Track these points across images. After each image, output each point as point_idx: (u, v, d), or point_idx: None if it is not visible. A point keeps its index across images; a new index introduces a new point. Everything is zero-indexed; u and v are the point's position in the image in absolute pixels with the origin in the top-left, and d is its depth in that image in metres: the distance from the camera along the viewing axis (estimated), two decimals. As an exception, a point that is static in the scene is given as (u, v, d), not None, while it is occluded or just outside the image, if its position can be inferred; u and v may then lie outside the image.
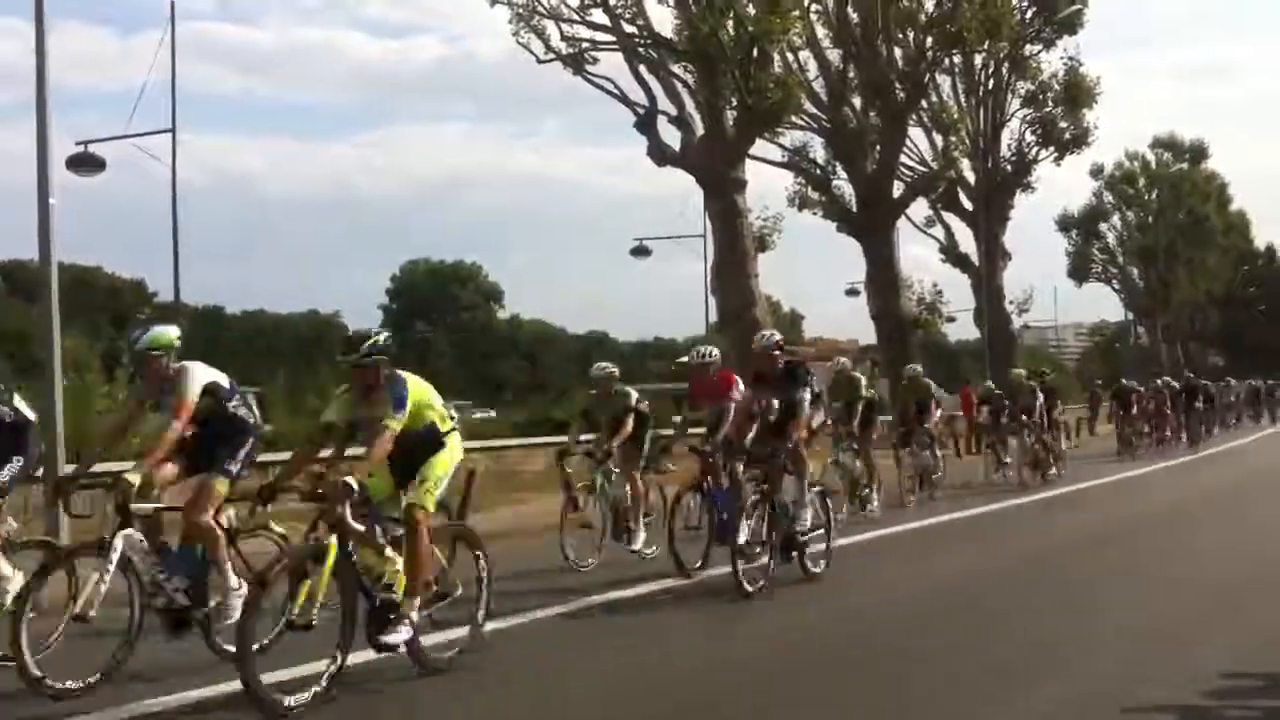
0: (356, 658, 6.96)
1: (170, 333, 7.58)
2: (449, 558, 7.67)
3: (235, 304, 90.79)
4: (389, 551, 7.17)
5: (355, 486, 6.70)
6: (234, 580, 7.36)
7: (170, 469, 7.45)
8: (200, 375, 7.50)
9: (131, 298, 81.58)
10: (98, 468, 8.01)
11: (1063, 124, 45.43)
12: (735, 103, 27.70)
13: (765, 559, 9.80)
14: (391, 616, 7.01)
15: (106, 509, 7.21)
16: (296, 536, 8.16)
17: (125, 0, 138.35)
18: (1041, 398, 20.84)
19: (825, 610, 9.53)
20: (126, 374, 17.82)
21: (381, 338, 7.26)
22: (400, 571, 7.15)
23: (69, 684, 6.58)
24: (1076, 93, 44.79)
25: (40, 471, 9.19)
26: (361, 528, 6.91)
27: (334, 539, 6.69)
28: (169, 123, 23.88)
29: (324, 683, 6.54)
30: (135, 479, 7.02)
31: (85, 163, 22.93)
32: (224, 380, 7.73)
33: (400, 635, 7.01)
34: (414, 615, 7.08)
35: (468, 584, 7.70)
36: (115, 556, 6.84)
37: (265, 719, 6.20)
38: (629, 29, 28.87)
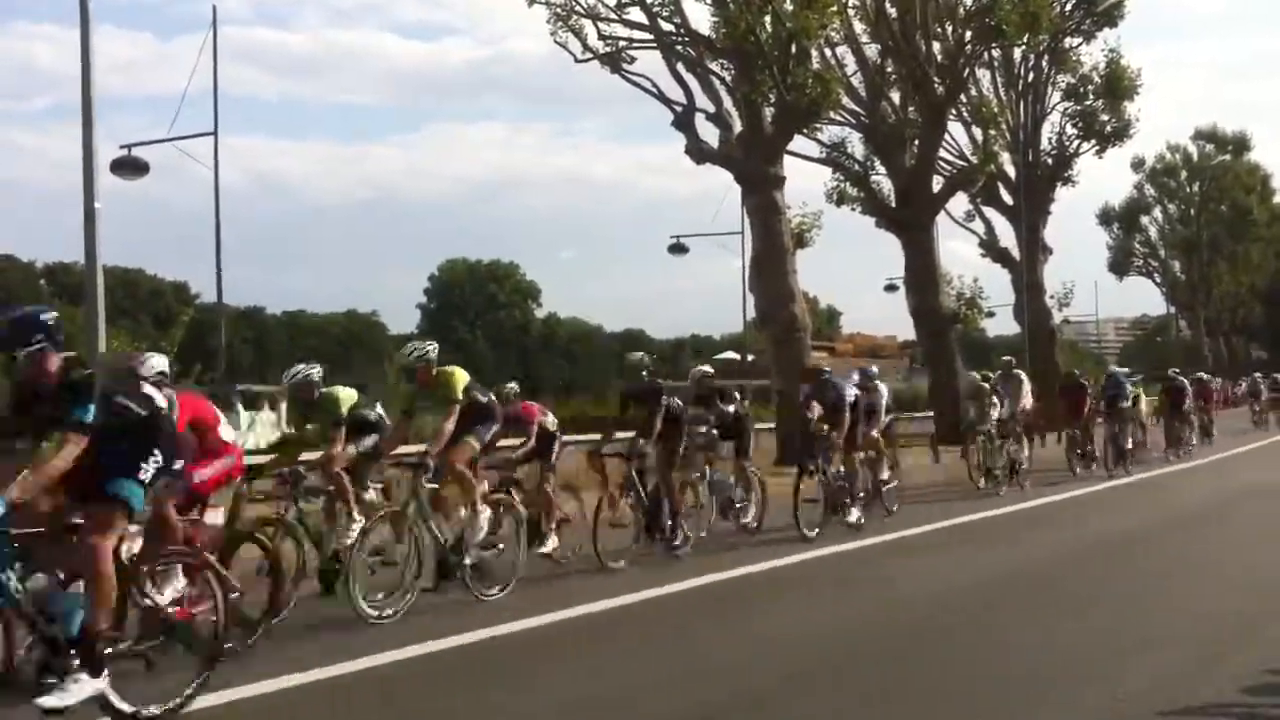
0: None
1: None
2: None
3: (276, 305, 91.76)
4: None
5: None
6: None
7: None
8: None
9: (174, 299, 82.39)
10: None
11: (1103, 117, 44.98)
12: (773, 99, 27.58)
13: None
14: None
15: None
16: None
17: (163, 4, 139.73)
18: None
19: (866, 602, 9.52)
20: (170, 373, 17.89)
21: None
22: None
23: None
24: (1117, 85, 44.33)
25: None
26: None
27: None
28: (208, 126, 24.05)
29: None
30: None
31: (129, 166, 23.12)
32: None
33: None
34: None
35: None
36: None
37: None
38: (666, 27, 28.82)
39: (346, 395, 10.40)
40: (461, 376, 9.88)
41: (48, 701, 5.62)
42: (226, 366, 25.02)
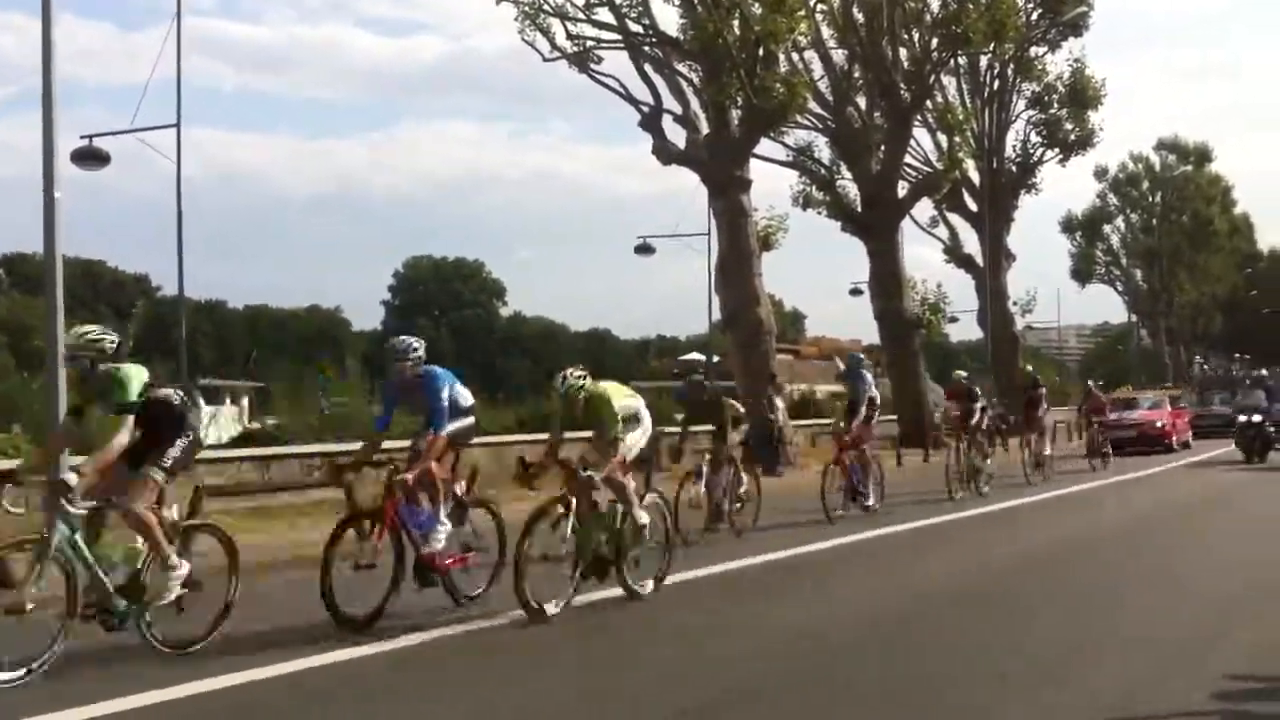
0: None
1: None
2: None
3: (238, 299, 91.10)
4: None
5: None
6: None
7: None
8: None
9: (134, 291, 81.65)
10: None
11: (1067, 125, 45.47)
12: (740, 102, 27.68)
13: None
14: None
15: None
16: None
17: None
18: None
19: (826, 610, 9.55)
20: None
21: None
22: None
23: None
24: (1081, 94, 44.82)
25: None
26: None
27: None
28: (172, 118, 23.79)
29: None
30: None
31: (89, 157, 22.91)
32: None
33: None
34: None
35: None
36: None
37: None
38: (634, 27, 28.84)
39: None
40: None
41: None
42: (188, 360, 24.81)
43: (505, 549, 9.22)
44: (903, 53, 34.51)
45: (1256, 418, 26.23)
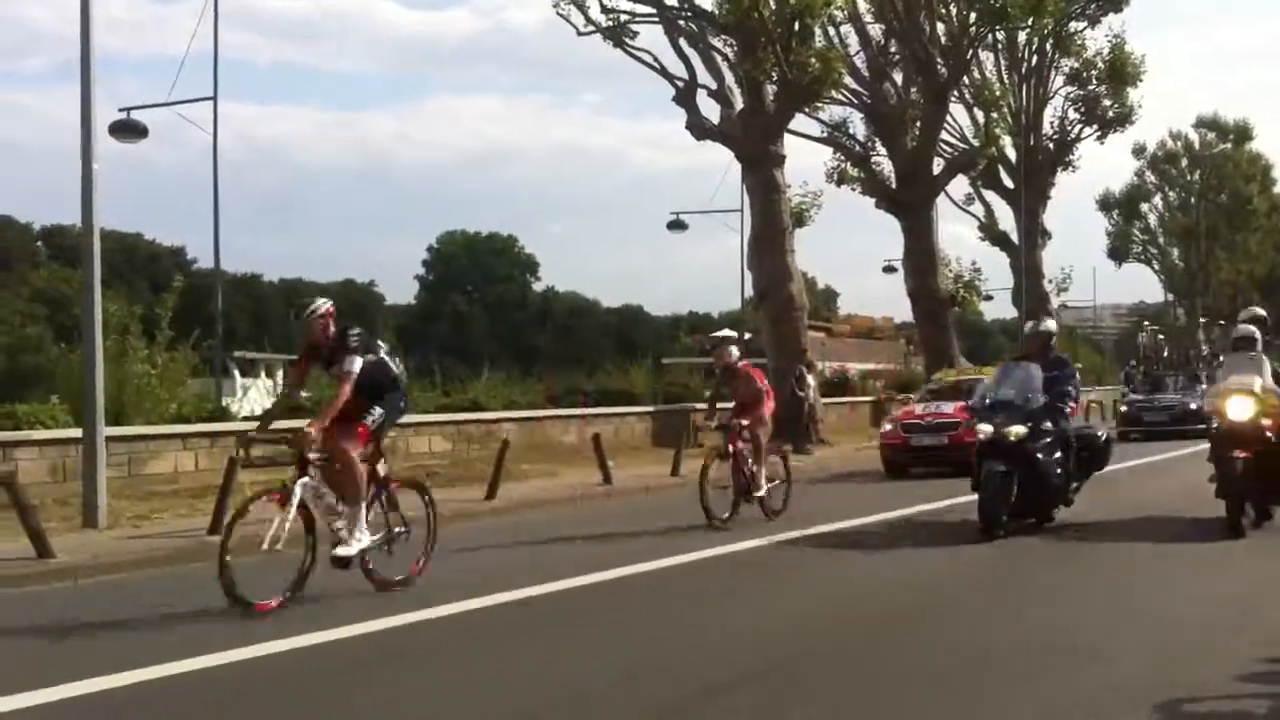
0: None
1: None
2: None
3: (273, 272, 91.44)
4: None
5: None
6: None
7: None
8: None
9: (171, 264, 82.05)
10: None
11: (1106, 102, 44.97)
12: (775, 77, 27.54)
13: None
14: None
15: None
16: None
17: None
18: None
19: (835, 589, 9.55)
20: (166, 337, 17.93)
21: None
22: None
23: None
24: (1120, 70, 44.28)
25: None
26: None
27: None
28: (207, 90, 23.89)
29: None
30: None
31: (127, 129, 23.09)
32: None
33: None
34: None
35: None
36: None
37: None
38: (670, 1, 28.71)
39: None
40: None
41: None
42: (223, 333, 24.99)
43: None
44: (940, 27, 34.20)
45: (1015, 431, 12.07)
